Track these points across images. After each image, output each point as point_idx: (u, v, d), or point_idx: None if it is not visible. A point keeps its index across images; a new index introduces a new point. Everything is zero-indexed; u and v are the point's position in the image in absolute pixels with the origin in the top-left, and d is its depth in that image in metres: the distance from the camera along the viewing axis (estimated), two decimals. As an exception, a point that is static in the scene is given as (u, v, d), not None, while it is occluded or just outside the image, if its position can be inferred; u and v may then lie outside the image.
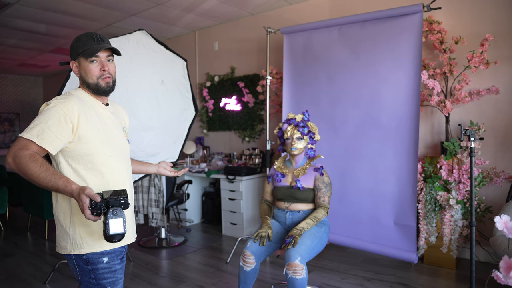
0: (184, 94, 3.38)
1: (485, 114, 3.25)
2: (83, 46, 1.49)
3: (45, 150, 1.36)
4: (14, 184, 5.49)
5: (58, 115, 1.38)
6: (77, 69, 1.53)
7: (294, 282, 2.09)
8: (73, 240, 1.46)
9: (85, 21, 4.88)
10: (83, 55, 1.49)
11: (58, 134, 1.37)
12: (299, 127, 2.46)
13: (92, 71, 1.50)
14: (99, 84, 1.51)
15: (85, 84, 1.53)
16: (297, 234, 2.22)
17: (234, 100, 5.04)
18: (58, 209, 1.49)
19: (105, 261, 1.49)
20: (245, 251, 2.32)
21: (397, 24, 3.10)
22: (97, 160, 1.47)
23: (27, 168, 1.27)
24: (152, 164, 1.88)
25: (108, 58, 1.53)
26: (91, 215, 1.23)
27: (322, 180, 2.41)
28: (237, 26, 5.03)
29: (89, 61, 1.49)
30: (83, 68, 1.50)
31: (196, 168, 4.81)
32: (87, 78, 1.50)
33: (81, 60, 1.50)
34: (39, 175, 1.28)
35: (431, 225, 3.03)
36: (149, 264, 3.52)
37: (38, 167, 1.28)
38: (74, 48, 1.51)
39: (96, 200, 1.23)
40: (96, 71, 1.50)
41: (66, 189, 1.28)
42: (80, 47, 1.49)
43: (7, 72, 8.47)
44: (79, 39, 1.50)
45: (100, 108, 1.56)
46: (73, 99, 1.45)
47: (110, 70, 1.53)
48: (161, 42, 3.15)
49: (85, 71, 1.50)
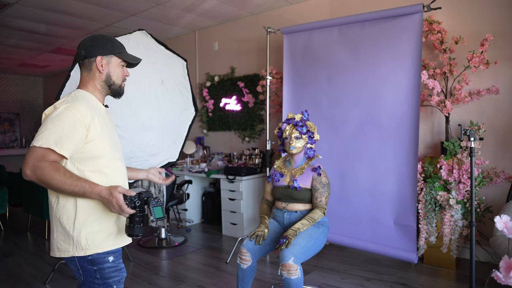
0: (184, 94, 3.38)
1: (485, 114, 3.25)
2: (118, 48, 1.56)
3: (63, 157, 1.38)
4: (14, 184, 5.49)
5: (73, 121, 1.38)
6: (106, 65, 1.54)
7: (289, 282, 2.10)
8: (77, 242, 1.44)
9: (85, 21, 4.88)
10: (120, 56, 1.55)
11: (74, 140, 1.38)
12: (298, 126, 2.46)
13: (121, 74, 1.58)
14: (121, 86, 1.60)
15: (107, 82, 1.55)
16: (292, 234, 2.23)
17: (234, 100, 5.04)
18: (60, 211, 1.46)
19: (110, 260, 1.49)
20: (242, 248, 2.36)
21: (397, 24, 3.10)
22: (103, 161, 1.48)
23: (52, 178, 1.32)
24: (141, 170, 1.89)
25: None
26: (128, 208, 1.36)
27: (320, 180, 2.41)
28: (237, 26, 5.03)
29: (121, 64, 1.58)
30: (113, 67, 1.55)
31: (196, 168, 4.81)
32: (114, 77, 1.56)
33: (113, 58, 1.55)
34: (65, 183, 1.33)
35: (431, 225, 3.03)
36: (149, 264, 3.52)
37: (62, 175, 1.33)
38: (106, 45, 1.54)
39: (131, 195, 1.38)
40: (122, 75, 1.59)
41: (93, 191, 1.36)
42: (115, 47, 1.55)
43: (7, 72, 8.48)
44: (113, 40, 1.57)
45: (101, 109, 1.57)
46: (82, 102, 1.44)
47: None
48: (161, 42, 3.15)
49: (115, 71, 1.56)
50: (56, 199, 1.47)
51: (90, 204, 1.45)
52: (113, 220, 1.52)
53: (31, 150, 1.34)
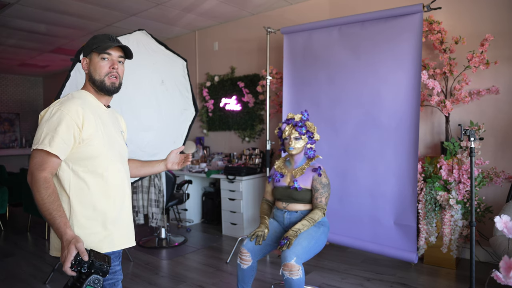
0: (184, 94, 3.38)
1: (485, 114, 3.25)
2: (97, 43, 1.50)
3: (58, 158, 1.36)
4: (14, 184, 5.48)
5: (66, 120, 1.37)
6: (87, 65, 1.52)
7: (291, 282, 2.10)
8: None
9: (85, 21, 4.88)
10: (96, 50, 1.49)
11: (66, 139, 1.37)
12: (297, 126, 2.46)
13: (102, 68, 1.49)
14: (104, 81, 1.50)
15: (91, 81, 1.52)
16: (293, 235, 2.23)
17: (234, 100, 5.03)
18: None
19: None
20: (242, 248, 2.36)
21: (397, 24, 3.10)
22: (98, 162, 1.46)
23: (37, 192, 1.30)
24: (158, 163, 1.83)
25: (120, 59, 1.54)
26: (69, 268, 1.24)
27: (320, 180, 2.41)
28: (237, 26, 5.03)
29: (100, 57, 1.49)
30: (93, 63, 1.50)
31: (196, 168, 4.81)
32: (95, 74, 1.50)
33: (93, 55, 1.50)
34: (44, 204, 1.30)
35: (431, 225, 3.03)
36: (149, 264, 3.52)
37: (47, 196, 1.30)
38: (88, 45, 1.52)
39: (84, 259, 1.24)
40: (105, 68, 1.50)
41: (60, 229, 1.28)
42: (94, 43, 1.50)
43: (7, 72, 8.47)
44: (96, 37, 1.52)
45: (101, 109, 1.55)
46: (75, 101, 1.43)
47: (119, 70, 1.53)
48: (161, 42, 3.15)
49: (94, 67, 1.50)
50: None
51: (84, 204, 1.43)
52: (109, 222, 1.48)
53: (32, 155, 1.36)
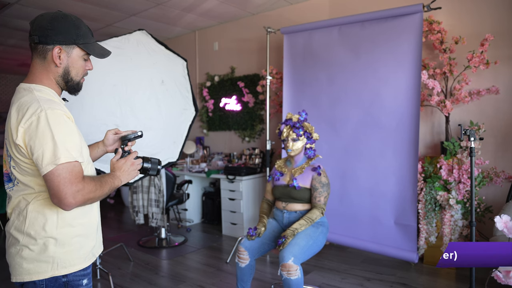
0: (184, 94, 3.38)
1: (485, 114, 3.25)
2: (83, 37, 1.29)
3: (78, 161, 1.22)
4: (14, 184, 5.48)
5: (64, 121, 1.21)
6: (65, 58, 1.27)
7: (289, 282, 2.10)
8: (51, 261, 1.23)
9: (85, 21, 4.87)
10: (85, 48, 1.30)
11: (77, 141, 1.25)
12: (295, 128, 2.46)
13: (82, 68, 1.32)
14: (79, 83, 1.34)
15: (63, 78, 1.30)
16: (290, 235, 2.24)
17: (234, 100, 5.04)
18: (28, 224, 1.22)
19: (84, 283, 1.32)
20: (239, 247, 2.37)
21: (397, 24, 3.10)
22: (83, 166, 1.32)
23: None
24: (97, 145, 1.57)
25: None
26: (130, 156, 1.39)
27: (319, 180, 2.41)
28: (237, 26, 5.03)
29: (83, 56, 1.31)
30: (74, 60, 1.29)
31: (196, 168, 4.81)
32: (72, 72, 1.30)
33: (75, 50, 1.28)
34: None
35: (431, 225, 3.03)
36: (149, 264, 3.52)
37: (95, 190, 1.23)
38: (69, 32, 1.26)
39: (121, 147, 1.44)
40: (83, 69, 1.34)
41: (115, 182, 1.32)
42: (80, 36, 1.28)
43: (7, 72, 8.47)
44: (79, 26, 1.29)
45: None
46: (55, 102, 1.24)
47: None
48: (161, 42, 3.16)
49: (74, 65, 1.30)
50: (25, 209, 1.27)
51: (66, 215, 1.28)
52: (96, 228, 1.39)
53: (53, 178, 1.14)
